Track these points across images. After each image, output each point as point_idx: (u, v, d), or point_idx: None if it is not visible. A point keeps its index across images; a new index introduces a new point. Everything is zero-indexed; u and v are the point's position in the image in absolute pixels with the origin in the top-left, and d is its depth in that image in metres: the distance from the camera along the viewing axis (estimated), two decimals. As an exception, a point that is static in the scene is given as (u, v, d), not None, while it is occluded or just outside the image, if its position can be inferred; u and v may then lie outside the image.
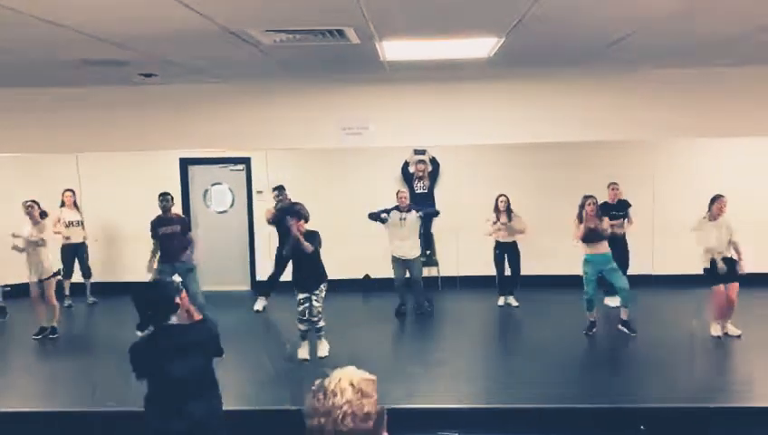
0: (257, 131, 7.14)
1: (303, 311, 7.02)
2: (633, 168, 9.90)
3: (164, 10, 3.63)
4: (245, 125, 7.07)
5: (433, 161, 10.18)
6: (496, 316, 9.09)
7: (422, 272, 9.01)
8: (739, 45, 5.24)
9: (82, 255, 9.81)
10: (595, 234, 7.63)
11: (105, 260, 10.40)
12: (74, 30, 4.10)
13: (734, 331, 7.49)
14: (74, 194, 9.77)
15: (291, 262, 7.40)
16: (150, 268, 8.19)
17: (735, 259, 7.44)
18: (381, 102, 7.00)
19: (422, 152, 10.12)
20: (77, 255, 9.74)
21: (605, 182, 8.91)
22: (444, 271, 10.24)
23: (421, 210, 8.77)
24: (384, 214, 8.63)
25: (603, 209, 8.04)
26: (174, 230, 8.15)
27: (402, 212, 8.63)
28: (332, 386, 1.84)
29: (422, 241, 9.13)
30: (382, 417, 1.87)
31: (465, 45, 5.10)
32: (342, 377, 1.87)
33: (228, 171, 10.75)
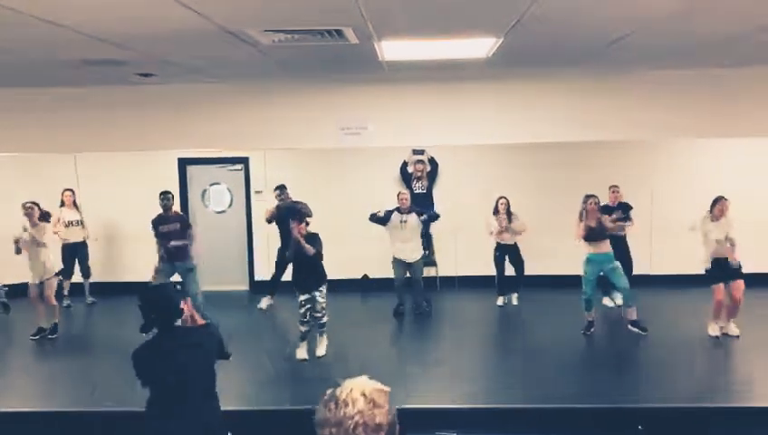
0: (256, 131, 7.14)
1: (305, 313, 7.00)
2: (632, 168, 9.90)
3: (163, 10, 3.63)
4: (244, 125, 7.07)
5: (432, 161, 10.17)
6: (495, 316, 9.08)
7: (423, 272, 9.01)
8: (739, 45, 5.24)
9: (82, 254, 9.79)
10: (597, 233, 7.63)
11: (104, 260, 10.40)
12: (74, 30, 4.10)
13: (734, 331, 7.49)
14: (74, 194, 9.76)
15: (291, 263, 7.40)
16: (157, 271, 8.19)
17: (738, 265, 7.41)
18: (380, 102, 7.00)
19: (421, 152, 10.11)
20: (77, 254, 9.72)
21: (604, 182, 8.90)
22: (442, 271, 10.24)
23: (424, 214, 8.71)
24: (380, 212, 8.59)
25: (603, 212, 8.00)
26: (174, 229, 8.14)
27: (403, 214, 8.59)
28: (344, 396, 1.81)
29: (422, 241, 9.12)
30: (394, 428, 1.85)
31: (463, 46, 5.10)
32: (354, 387, 1.84)
33: (227, 171, 10.74)
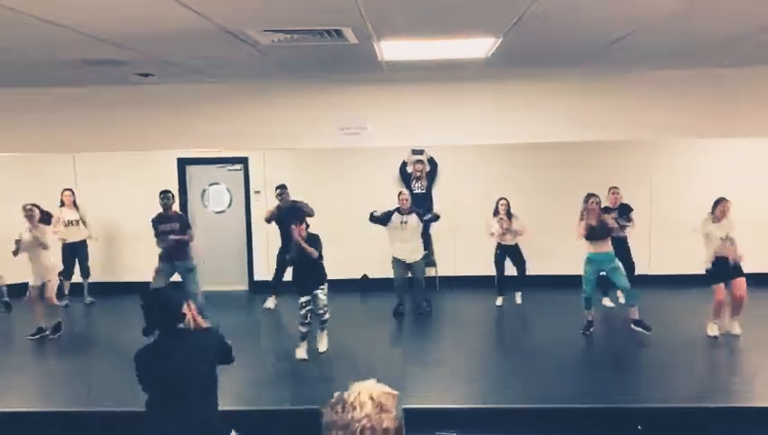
0: (255, 131, 7.13)
1: (306, 314, 7.00)
2: (632, 168, 9.90)
3: (162, 10, 3.63)
4: (244, 125, 7.07)
5: (431, 161, 10.17)
6: (495, 316, 9.09)
7: (424, 273, 9.00)
8: (739, 45, 5.23)
9: (82, 254, 9.79)
10: (598, 232, 7.62)
11: (103, 260, 10.39)
12: (74, 30, 4.10)
13: (737, 329, 7.45)
14: (73, 193, 9.75)
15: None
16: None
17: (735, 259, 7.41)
18: (380, 102, 6.99)
19: (420, 152, 10.10)
20: (77, 254, 9.72)
21: (604, 182, 8.88)
22: (442, 271, 10.24)
23: (425, 216, 8.69)
24: (376, 211, 8.56)
25: (603, 213, 8.00)
26: (173, 228, 8.13)
27: (403, 215, 8.56)
28: (352, 399, 1.81)
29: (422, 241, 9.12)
30: (401, 432, 1.84)
31: (462, 46, 5.09)
32: (362, 391, 1.84)
33: (226, 171, 10.73)
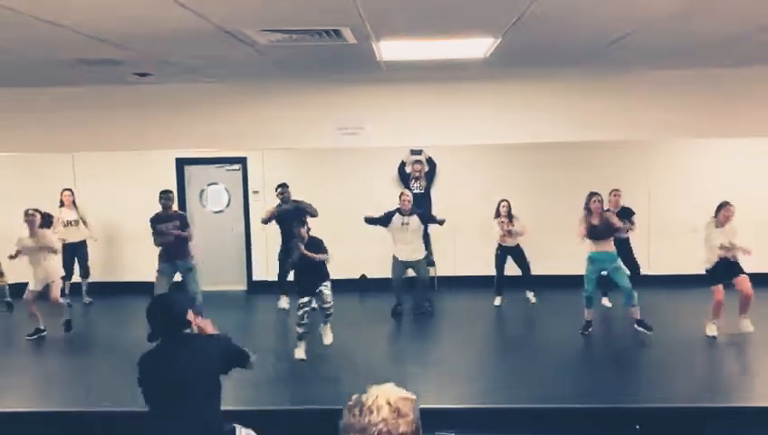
0: (254, 131, 7.13)
1: (303, 315, 6.98)
2: (631, 168, 9.91)
3: (161, 9, 3.63)
4: (243, 125, 7.07)
5: (430, 161, 10.17)
6: (494, 316, 9.09)
7: (428, 272, 8.97)
8: (739, 45, 5.24)
9: (82, 254, 9.78)
10: (600, 231, 7.60)
11: (103, 260, 10.37)
12: (73, 30, 4.10)
13: (748, 327, 7.38)
14: (73, 193, 9.74)
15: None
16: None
17: (736, 260, 7.39)
18: (378, 102, 6.99)
19: (419, 152, 10.10)
20: (76, 254, 9.71)
21: (603, 182, 8.84)
22: (440, 271, 10.24)
23: (434, 221, 8.66)
24: (371, 216, 8.53)
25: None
26: (174, 226, 8.10)
27: (404, 216, 8.52)
28: (369, 403, 1.82)
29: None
30: None
31: (461, 46, 5.09)
32: (380, 394, 1.84)
33: (224, 171, 10.73)
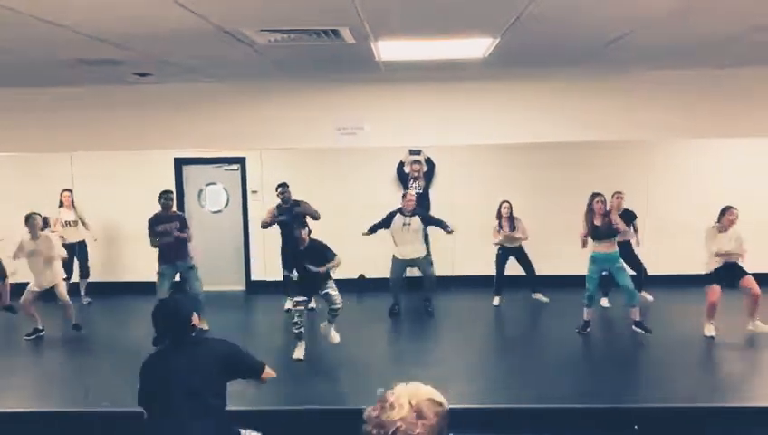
0: (253, 131, 7.13)
1: (299, 314, 6.97)
2: (630, 168, 9.91)
3: (161, 9, 3.64)
4: (242, 125, 7.07)
5: (428, 162, 10.15)
6: (492, 316, 9.09)
7: (433, 268, 8.94)
8: (738, 45, 5.24)
9: (82, 254, 9.77)
10: (603, 232, 7.60)
11: (103, 260, 10.35)
12: (73, 30, 4.11)
13: (764, 327, 7.38)
14: (72, 194, 9.73)
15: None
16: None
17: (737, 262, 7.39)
18: (378, 102, 7.00)
19: (417, 152, 10.09)
20: (76, 254, 9.69)
21: (601, 182, 8.81)
22: (439, 271, 10.21)
23: (436, 225, 8.63)
24: (370, 227, 8.50)
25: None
26: (174, 227, 8.09)
27: (406, 217, 8.50)
28: (392, 400, 1.83)
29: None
30: None
31: (459, 46, 5.10)
32: (404, 393, 1.85)
33: (223, 171, 10.72)
